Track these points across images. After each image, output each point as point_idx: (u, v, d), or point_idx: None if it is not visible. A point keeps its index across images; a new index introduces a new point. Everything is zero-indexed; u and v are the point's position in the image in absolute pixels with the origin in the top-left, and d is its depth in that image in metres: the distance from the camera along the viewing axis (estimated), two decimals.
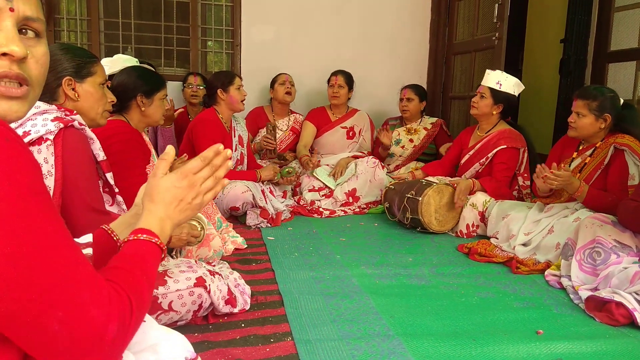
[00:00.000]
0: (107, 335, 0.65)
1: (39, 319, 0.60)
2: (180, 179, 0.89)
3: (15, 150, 0.60)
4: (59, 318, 0.61)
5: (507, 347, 1.51)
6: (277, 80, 3.78)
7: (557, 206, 2.49)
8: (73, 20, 4.04)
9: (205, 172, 0.92)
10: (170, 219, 0.88)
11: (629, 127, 2.35)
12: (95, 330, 0.64)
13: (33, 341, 0.61)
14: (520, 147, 2.92)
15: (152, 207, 0.87)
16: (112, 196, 1.67)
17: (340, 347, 1.48)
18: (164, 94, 2.19)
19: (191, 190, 0.89)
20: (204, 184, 0.91)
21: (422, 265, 2.27)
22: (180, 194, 0.88)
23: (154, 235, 0.84)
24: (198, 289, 1.55)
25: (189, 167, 0.90)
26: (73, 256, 0.64)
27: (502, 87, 2.93)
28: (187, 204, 0.89)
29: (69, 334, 0.62)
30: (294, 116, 3.92)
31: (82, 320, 0.63)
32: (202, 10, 4.21)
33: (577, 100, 2.41)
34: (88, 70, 1.59)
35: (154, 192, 0.88)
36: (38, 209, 0.61)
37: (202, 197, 0.91)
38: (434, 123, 3.84)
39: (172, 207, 0.87)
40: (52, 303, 0.60)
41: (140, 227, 0.84)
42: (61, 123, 1.38)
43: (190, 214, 0.90)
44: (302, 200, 3.39)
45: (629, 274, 1.79)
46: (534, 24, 4.94)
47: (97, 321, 0.64)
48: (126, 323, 0.68)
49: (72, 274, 0.63)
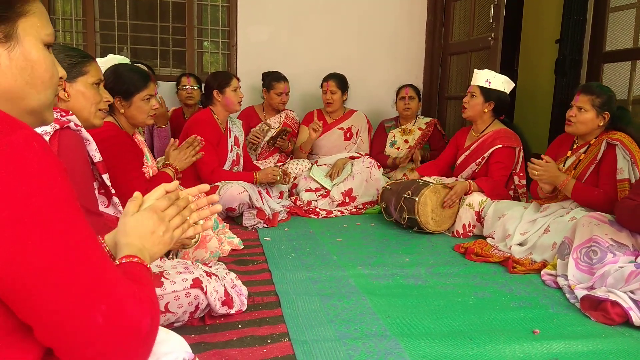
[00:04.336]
0: (143, 329, 0.69)
1: (84, 314, 0.64)
2: (151, 214, 0.92)
3: (52, 159, 0.65)
4: (103, 312, 0.65)
5: (503, 346, 1.51)
6: (273, 88, 3.69)
7: (553, 206, 2.50)
8: (68, 20, 4.03)
9: (172, 210, 0.95)
10: (147, 250, 0.90)
11: (624, 126, 2.39)
12: (134, 325, 0.68)
13: (77, 336, 0.64)
14: (516, 147, 2.94)
15: (128, 240, 0.89)
16: (108, 197, 1.66)
17: (337, 347, 1.48)
18: (145, 94, 2.11)
19: (161, 224, 0.92)
20: (172, 221, 0.95)
21: (418, 266, 2.27)
22: (152, 226, 0.91)
23: (143, 260, 0.86)
24: (194, 290, 1.54)
25: (156, 205, 0.94)
26: (105, 258, 0.69)
27: (491, 84, 2.95)
28: (160, 237, 0.92)
29: (112, 328, 0.65)
30: (285, 112, 3.87)
31: (122, 314, 0.67)
32: (198, 11, 4.20)
33: (581, 95, 2.42)
34: (79, 70, 1.58)
35: (127, 228, 0.91)
36: (76, 214, 0.66)
37: (171, 232, 0.95)
38: (428, 123, 3.85)
39: (146, 239, 0.90)
40: (96, 298, 0.65)
41: (127, 254, 0.86)
42: (57, 124, 1.37)
43: (162, 248, 0.93)
44: (299, 200, 3.39)
45: (625, 273, 1.80)
46: (529, 24, 4.96)
47: (134, 316, 0.68)
48: (155, 319, 0.72)
49: (107, 273, 0.68)
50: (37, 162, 0.62)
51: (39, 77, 0.75)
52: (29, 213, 0.60)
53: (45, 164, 0.63)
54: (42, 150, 0.63)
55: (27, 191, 0.60)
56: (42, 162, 0.63)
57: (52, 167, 0.64)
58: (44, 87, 0.77)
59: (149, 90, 2.13)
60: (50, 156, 0.65)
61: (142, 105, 2.12)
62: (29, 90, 0.74)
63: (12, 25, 0.71)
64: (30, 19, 0.73)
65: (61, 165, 0.66)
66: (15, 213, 0.59)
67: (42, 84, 0.76)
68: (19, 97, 0.74)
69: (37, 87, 0.75)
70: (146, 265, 0.86)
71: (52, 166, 0.64)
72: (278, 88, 3.69)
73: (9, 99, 0.72)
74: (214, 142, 3.03)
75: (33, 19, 0.74)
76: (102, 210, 1.60)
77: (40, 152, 0.63)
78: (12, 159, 0.60)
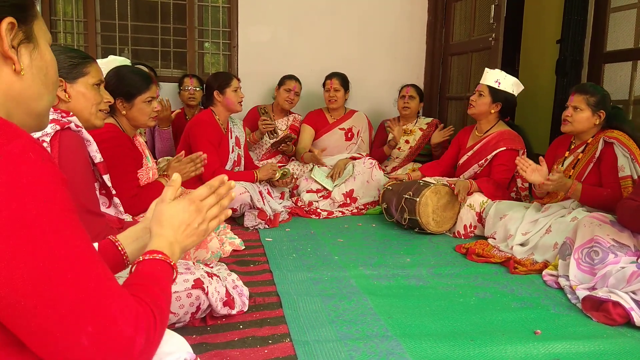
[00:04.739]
0: (135, 348, 0.66)
1: (69, 335, 0.61)
2: (188, 205, 0.90)
3: (50, 169, 0.63)
4: (89, 333, 0.62)
5: (505, 347, 1.51)
6: (283, 84, 3.77)
7: (555, 206, 2.50)
8: (69, 21, 4.04)
9: (211, 199, 0.93)
10: (179, 243, 0.89)
11: (619, 125, 2.42)
12: (123, 344, 0.65)
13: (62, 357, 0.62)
14: (519, 149, 2.93)
15: (161, 231, 0.88)
16: (109, 198, 1.67)
17: (338, 348, 1.48)
18: (148, 96, 2.12)
19: (198, 215, 0.91)
20: (210, 211, 0.93)
21: (420, 266, 2.27)
22: (188, 218, 0.90)
23: (167, 257, 0.85)
24: (196, 290, 1.54)
25: (196, 194, 0.92)
26: (102, 271, 0.66)
27: (500, 85, 2.94)
28: (194, 229, 0.91)
29: (97, 350, 0.63)
30: (293, 116, 3.92)
31: (111, 335, 0.64)
32: (198, 12, 4.20)
33: (575, 95, 2.46)
34: (79, 71, 1.59)
35: (163, 217, 0.89)
36: (71, 226, 0.64)
37: (207, 223, 0.93)
38: (429, 123, 3.85)
39: (180, 231, 0.89)
40: (82, 318, 0.62)
41: (153, 249, 0.86)
42: (57, 125, 1.37)
43: (196, 239, 0.92)
44: (300, 201, 3.39)
45: (626, 273, 1.79)
46: (530, 24, 4.95)
47: (125, 335, 0.65)
48: (151, 335, 0.69)
49: (102, 288, 0.65)
50: (32, 175, 0.61)
51: (51, 78, 0.77)
52: (19, 228, 0.58)
53: (40, 176, 0.61)
54: (38, 161, 0.62)
55: (19, 205, 0.59)
56: (37, 174, 0.61)
57: (48, 179, 0.62)
58: (54, 88, 0.78)
59: (150, 93, 2.14)
60: (47, 166, 0.63)
61: (143, 107, 2.12)
62: (43, 91, 0.75)
63: (30, 27, 0.72)
64: (40, 22, 0.75)
65: (59, 175, 0.64)
66: (4, 227, 0.58)
67: (53, 85, 0.78)
68: (33, 99, 0.74)
69: (49, 87, 0.77)
70: (169, 263, 0.85)
71: (48, 177, 0.62)
72: (288, 84, 3.75)
73: (23, 100, 0.72)
74: (215, 143, 3.03)
75: (41, 22, 0.75)
76: (104, 211, 1.61)
77: (36, 163, 0.62)
78: (7, 170, 0.59)
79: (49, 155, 0.65)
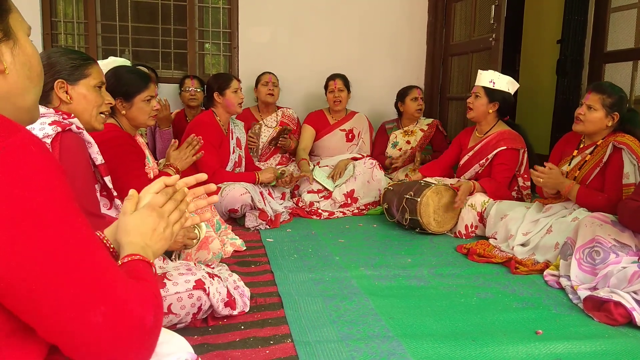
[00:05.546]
0: (146, 325, 0.70)
1: (84, 313, 0.64)
2: (150, 212, 0.92)
3: (50, 161, 0.65)
4: (102, 312, 0.65)
5: (506, 347, 1.51)
6: (260, 80, 3.74)
7: (556, 206, 2.50)
8: (70, 23, 4.04)
9: (170, 205, 0.96)
10: (150, 247, 0.90)
11: (632, 129, 2.36)
12: (135, 322, 0.69)
13: (78, 336, 0.65)
14: (520, 148, 2.93)
15: (130, 239, 0.89)
16: (110, 200, 1.67)
17: (339, 348, 1.48)
18: (146, 95, 2.12)
19: (161, 220, 0.93)
20: (171, 216, 0.95)
21: (421, 266, 2.27)
22: (153, 224, 0.91)
23: (144, 257, 0.86)
24: (197, 291, 1.55)
25: (154, 202, 0.94)
26: (106, 258, 0.69)
27: (495, 85, 2.94)
28: (161, 234, 0.92)
29: (113, 328, 0.66)
30: (282, 110, 3.87)
31: (123, 312, 0.67)
32: (199, 13, 4.21)
33: (592, 94, 2.39)
34: (81, 73, 1.59)
35: (128, 227, 0.91)
36: (75, 213, 0.66)
37: (171, 227, 0.95)
38: (430, 124, 3.85)
39: (147, 237, 0.90)
40: (95, 298, 0.65)
41: (129, 254, 0.86)
42: (59, 127, 1.37)
43: (164, 243, 0.93)
44: (301, 201, 3.39)
45: (628, 273, 1.79)
46: (530, 24, 4.96)
47: (136, 313, 0.69)
48: (158, 314, 0.74)
49: (108, 272, 0.68)
50: (35, 165, 0.62)
51: (35, 70, 0.77)
52: (26, 215, 0.60)
53: (42, 167, 0.63)
54: (39, 153, 0.64)
55: (25, 194, 0.61)
56: (39, 165, 0.63)
57: (49, 170, 0.64)
58: (39, 80, 0.79)
59: (149, 91, 2.14)
60: (48, 158, 0.65)
61: (143, 106, 2.13)
62: (29, 85, 0.76)
63: (6, 23, 0.72)
64: (15, 14, 0.75)
65: (59, 168, 0.66)
66: (13, 215, 0.60)
67: (38, 77, 0.78)
68: (20, 94, 0.75)
69: (34, 80, 0.77)
70: (149, 262, 0.87)
71: (49, 168, 0.64)
72: (263, 78, 3.72)
73: (10, 97, 0.74)
74: (216, 144, 3.03)
75: (16, 15, 0.75)
76: (104, 213, 1.61)
77: (37, 155, 0.63)
78: (10, 162, 0.61)
79: (48, 149, 0.66)
